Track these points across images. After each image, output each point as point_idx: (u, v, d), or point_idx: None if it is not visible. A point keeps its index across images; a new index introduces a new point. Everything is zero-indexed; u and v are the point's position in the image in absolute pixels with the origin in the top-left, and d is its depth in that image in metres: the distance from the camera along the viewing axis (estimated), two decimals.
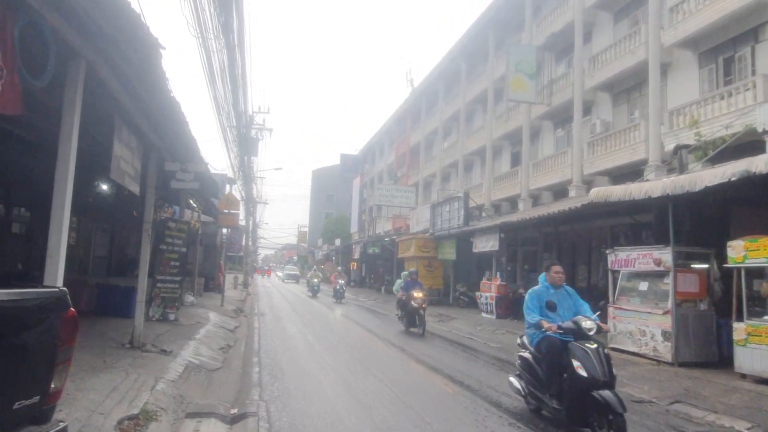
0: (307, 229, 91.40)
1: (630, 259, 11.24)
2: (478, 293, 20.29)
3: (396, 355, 11.14)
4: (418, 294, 14.22)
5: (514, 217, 17.62)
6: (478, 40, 30.77)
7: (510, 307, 18.81)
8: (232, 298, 21.66)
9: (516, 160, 27.46)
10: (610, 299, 11.78)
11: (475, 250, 20.56)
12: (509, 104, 27.07)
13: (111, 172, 5.88)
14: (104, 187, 14.99)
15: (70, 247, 16.99)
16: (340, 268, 31.50)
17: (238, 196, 23.34)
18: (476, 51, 31.67)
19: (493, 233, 18.48)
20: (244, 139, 20.88)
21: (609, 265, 11.90)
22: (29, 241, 15.21)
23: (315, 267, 36.91)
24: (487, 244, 18.97)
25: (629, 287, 11.50)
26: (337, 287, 26.58)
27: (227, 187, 21.20)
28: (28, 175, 13.75)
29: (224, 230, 27.84)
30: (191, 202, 14.33)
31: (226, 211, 18.41)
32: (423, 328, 14.03)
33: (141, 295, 8.32)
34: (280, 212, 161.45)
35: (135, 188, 6.99)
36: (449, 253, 23.98)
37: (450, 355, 11.32)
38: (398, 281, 16.57)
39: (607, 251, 12.10)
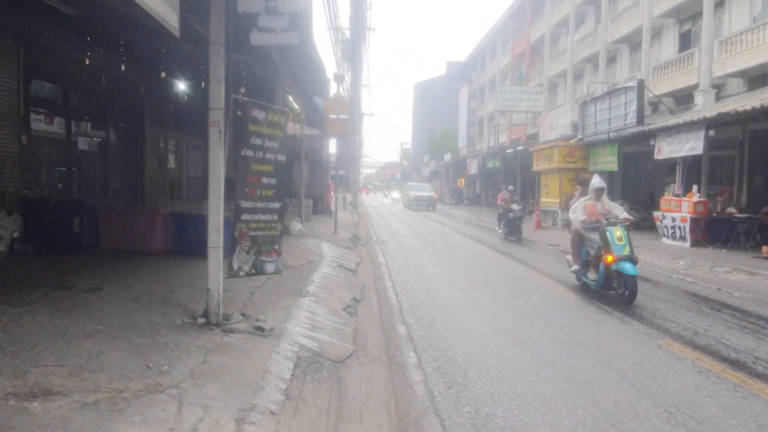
0: (409, 146, 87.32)
1: None
2: (657, 213, 15.47)
3: (633, 329, 7.13)
4: (515, 206, 16.07)
5: (737, 106, 12.28)
6: None
7: (707, 231, 13.96)
8: (345, 222, 18.48)
9: (686, 43, 21.39)
10: None
11: (658, 156, 15.41)
12: None
13: None
14: (182, 86, 11.72)
15: (154, 169, 14.17)
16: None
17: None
18: None
19: (693, 132, 13.35)
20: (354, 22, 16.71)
21: None
22: (103, 160, 12.49)
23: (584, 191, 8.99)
24: (681, 147, 13.89)
25: None
26: None
27: (333, 87, 17.46)
28: (92, 77, 10.70)
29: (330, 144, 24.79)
30: (290, 99, 10.65)
31: (334, 116, 14.67)
32: (519, 236, 15.79)
33: (214, 238, 4.76)
34: (378, 130, 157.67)
35: (170, 19, 3.28)
36: (608, 162, 18.90)
37: (706, 319, 7.12)
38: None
39: None
